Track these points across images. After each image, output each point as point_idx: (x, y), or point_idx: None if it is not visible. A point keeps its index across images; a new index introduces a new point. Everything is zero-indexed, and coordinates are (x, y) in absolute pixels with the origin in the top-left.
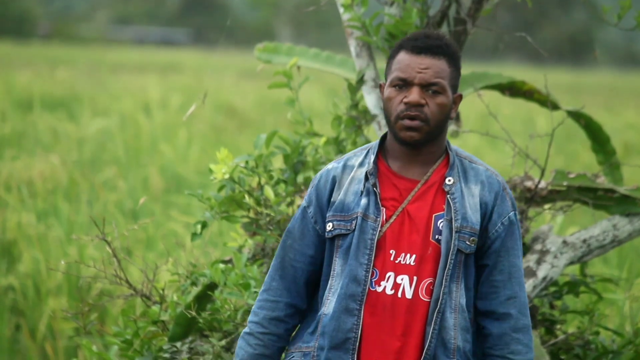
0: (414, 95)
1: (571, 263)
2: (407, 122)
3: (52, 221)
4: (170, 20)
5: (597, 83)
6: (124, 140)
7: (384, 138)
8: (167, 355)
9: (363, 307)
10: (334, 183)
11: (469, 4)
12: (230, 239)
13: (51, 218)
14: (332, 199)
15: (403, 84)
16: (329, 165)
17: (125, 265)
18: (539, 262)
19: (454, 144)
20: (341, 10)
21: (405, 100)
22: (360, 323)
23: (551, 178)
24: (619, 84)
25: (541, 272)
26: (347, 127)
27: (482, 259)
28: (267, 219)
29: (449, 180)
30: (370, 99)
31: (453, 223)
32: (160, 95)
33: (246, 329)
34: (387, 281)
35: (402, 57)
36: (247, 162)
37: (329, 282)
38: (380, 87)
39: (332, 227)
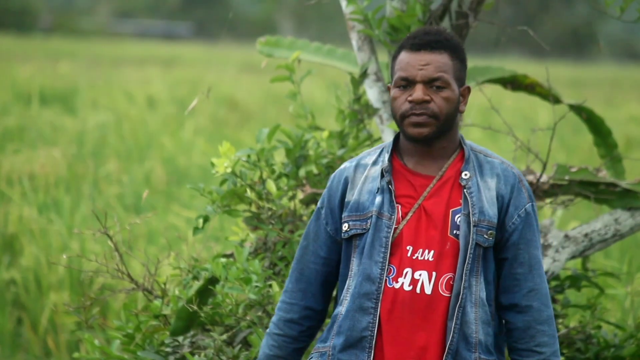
0: (417, 92)
1: (573, 257)
2: (413, 118)
3: (54, 215)
4: (171, 14)
5: (598, 77)
6: (125, 134)
7: (397, 137)
8: (168, 349)
9: (380, 304)
10: (346, 184)
11: None
12: (231, 233)
13: (53, 212)
14: (345, 199)
15: (406, 83)
16: (343, 165)
17: (127, 259)
18: None
19: None
20: (343, 3)
21: (409, 98)
22: (377, 321)
23: (553, 172)
24: (620, 77)
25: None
26: (350, 121)
27: (502, 252)
28: (269, 213)
29: (465, 175)
30: (372, 93)
31: (471, 217)
32: (162, 89)
33: (268, 329)
34: (404, 277)
35: (403, 56)
36: (249, 156)
37: (347, 282)
38: (388, 89)
39: (348, 227)
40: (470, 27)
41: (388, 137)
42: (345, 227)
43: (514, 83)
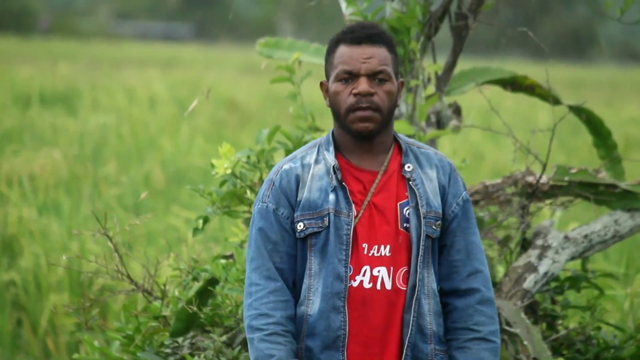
0: (363, 85)
1: (572, 258)
2: (359, 113)
3: (54, 216)
4: (171, 15)
5: (598, 78)
6: (125, 135)
7: (332, 133)
8: (168, 350)
9: (347, 303)
10: (297, 182)
11: None
12: (231, 234)
13: (52, 213)
14: (297, 198)
15: (349, 77)
16: (285, 166)
17: (127, 260)
18: (540, 257)
19: (456, 139)
20: (343, 4)
21: (354, 91)
22: (347, 320)
23: (552, 173)
24: (620, 78)
25: (542, 268)
26: None
27: (441, 240)
28: None
29: (408, 167)
30: None
31: (420, 209)
32: (162, 90)
33: (263, 333)
34: (363, 275)
35: (343, 50)
36: (248, 157)
37: (306, 281)
38: (321, 86)
39: (304, 226)
40: (470, 28)
41: None
42: (300, 226)
43: (513, 84)
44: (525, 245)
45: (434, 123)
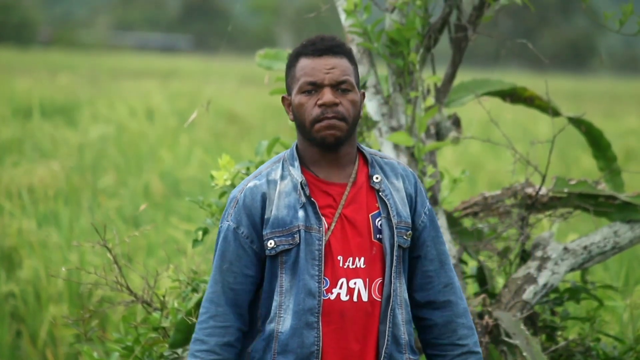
0: (327, 95)
1: (572, 270)
2: (325, 122)
3: (53, 227)
4: (170, 27)
5: (597, 89)
6: (124, 147)
7: (296, 148)
8: None
9: (320, 318)
10: (264, 200)
11: (470, 11)
12: None
13: (52, 224)
14: (265, 216)
15: (313, 88)
16: (250, 184)
17: (126, 271)
18: (539, 268)
19: (455, 150)
20: (342, 16)
21: (319, 102)
22: (320, 335)
23: (552, 185)
24: (619, 90)
25: (542, 279)
26: None
27: (413, 251)
28: None
29: (377, 178)
30: (371, 105)
31: (392, 220)
32: (162, 102)
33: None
34: (340, 288)
35: (305, 62)
36: (248, 169)
37: (277, 299)
38: (283, 100)
39: (275, 244)
40: (470, 40)
41: (387, 150)
42: (271, 244)
43: (513, 96)
44: (525, 256)
45: (434, 134)
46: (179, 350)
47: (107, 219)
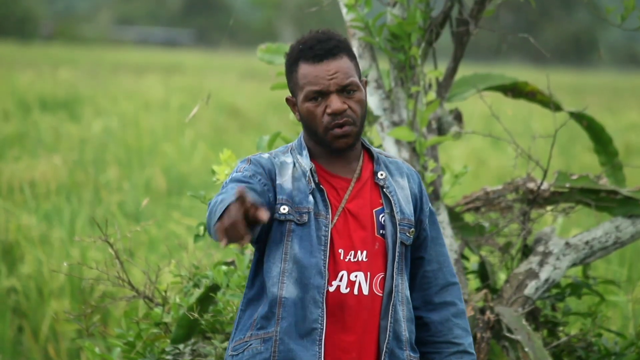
0: (335, 103)
1: (573, 265)
2: (337, 131)
3: (55, 222)
4: (172, 21)
5: (599, 84)
6: (126, 141)
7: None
8: (169, 357)
9: (325, 301)
10: (275, 167)
11: (471, 5)
12: None
13: (53, 219)
14: (277, 182)
15: (319, 96)
16: (264, 155)
17: (128, 267)
18: (541, 264)
19: (457, 145)
20: (344, 10)
21: (328, 111)
22: (325, 316)
23: (554, 179)
24: (621, 84)
25: (544, 274)
26: None
27: (416, 251)
28: None
29: (381, 175)
30: (372, 100)
31: (395, 216)
32: (163, 96)
33: (229, 194)
34: (340, 280)
35: (306, 69)
36: None
37: (281, 265)
38: (287, 101)
39: (287, 211)
40: (471, 34)
41: (389, 146)
42: (284, 209)
43: (514, 90)
44: (527, 251)
45: (435, 129)
46: (181, 346)
47: (108, 213)
